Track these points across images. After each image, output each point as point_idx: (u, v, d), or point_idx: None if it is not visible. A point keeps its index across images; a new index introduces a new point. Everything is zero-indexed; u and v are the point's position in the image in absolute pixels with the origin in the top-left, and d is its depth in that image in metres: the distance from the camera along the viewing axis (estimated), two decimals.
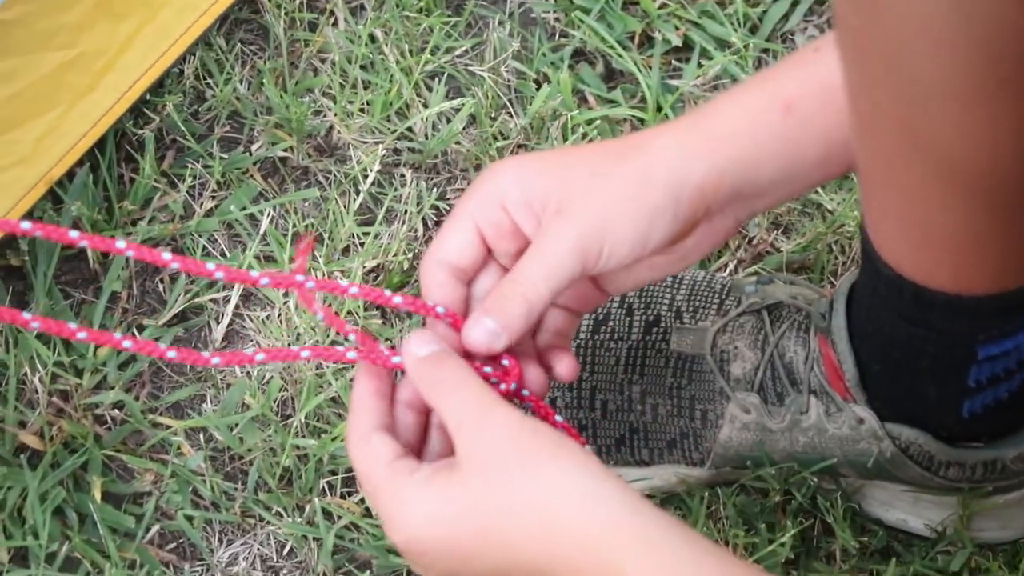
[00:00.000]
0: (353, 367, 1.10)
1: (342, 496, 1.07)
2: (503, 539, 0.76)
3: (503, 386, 0.84)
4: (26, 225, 0.76)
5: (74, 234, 0.77)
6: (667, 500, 1.07)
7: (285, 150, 1.19)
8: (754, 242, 1.16)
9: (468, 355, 0.85)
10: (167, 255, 0.78)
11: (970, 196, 0.77)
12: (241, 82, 1.20)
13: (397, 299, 0.85)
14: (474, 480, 0.77)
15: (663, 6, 1.23)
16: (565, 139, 1.18)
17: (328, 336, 1.11)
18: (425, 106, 1.20)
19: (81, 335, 0.77)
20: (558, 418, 0.87)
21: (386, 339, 1.11)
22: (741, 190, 0.86)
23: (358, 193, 1.17)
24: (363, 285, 0.85)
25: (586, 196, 0.84)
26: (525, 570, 0.76)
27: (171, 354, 0.80)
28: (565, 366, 0.88)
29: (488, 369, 0.84)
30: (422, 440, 0.86)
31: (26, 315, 0.77)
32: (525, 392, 0.86)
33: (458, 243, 0.86)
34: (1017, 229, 0.81)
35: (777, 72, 0.86)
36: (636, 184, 0.84)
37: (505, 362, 0.85)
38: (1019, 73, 0.69)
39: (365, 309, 1.12)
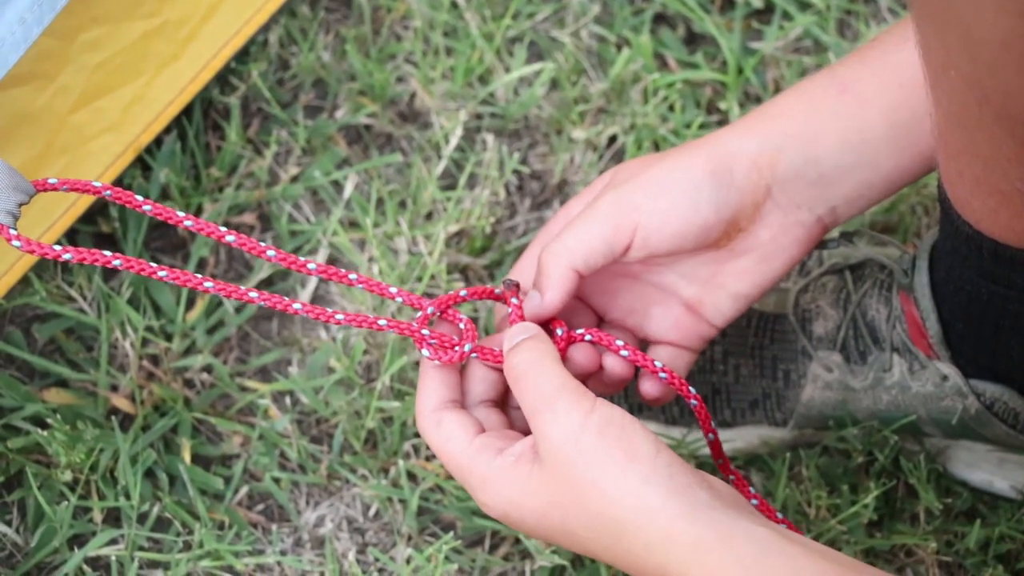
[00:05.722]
0: None
1: (426, 459, 1.08)
2: (584, 542, 0.80)
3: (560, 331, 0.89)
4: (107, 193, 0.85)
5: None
6: (750, 462, 1.07)
7: (368, 116, 1.19)
8: None
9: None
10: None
11: None
12: (325, 49, 1.21)
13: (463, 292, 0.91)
14: (553, 481, 0.80)
15: None
16: (646, 102, 1.18)
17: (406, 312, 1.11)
18: (507, 71, 1.20)
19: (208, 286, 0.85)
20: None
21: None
22: (803, 170, 0.89)
23: (440, 158, 1.18)
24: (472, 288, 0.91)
25: (633, 173, 0.89)
26: (614, 565, 0.81)
27: (252, 294, 0.86)
28: (650, 387, 0.92)
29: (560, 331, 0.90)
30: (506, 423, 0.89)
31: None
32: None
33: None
34: None
35: (837, 63, 0.91)
36: (679, 158, 0.89)
37: (559, 331, 0.89)
38: None
39: (448, 272, 1.13)
